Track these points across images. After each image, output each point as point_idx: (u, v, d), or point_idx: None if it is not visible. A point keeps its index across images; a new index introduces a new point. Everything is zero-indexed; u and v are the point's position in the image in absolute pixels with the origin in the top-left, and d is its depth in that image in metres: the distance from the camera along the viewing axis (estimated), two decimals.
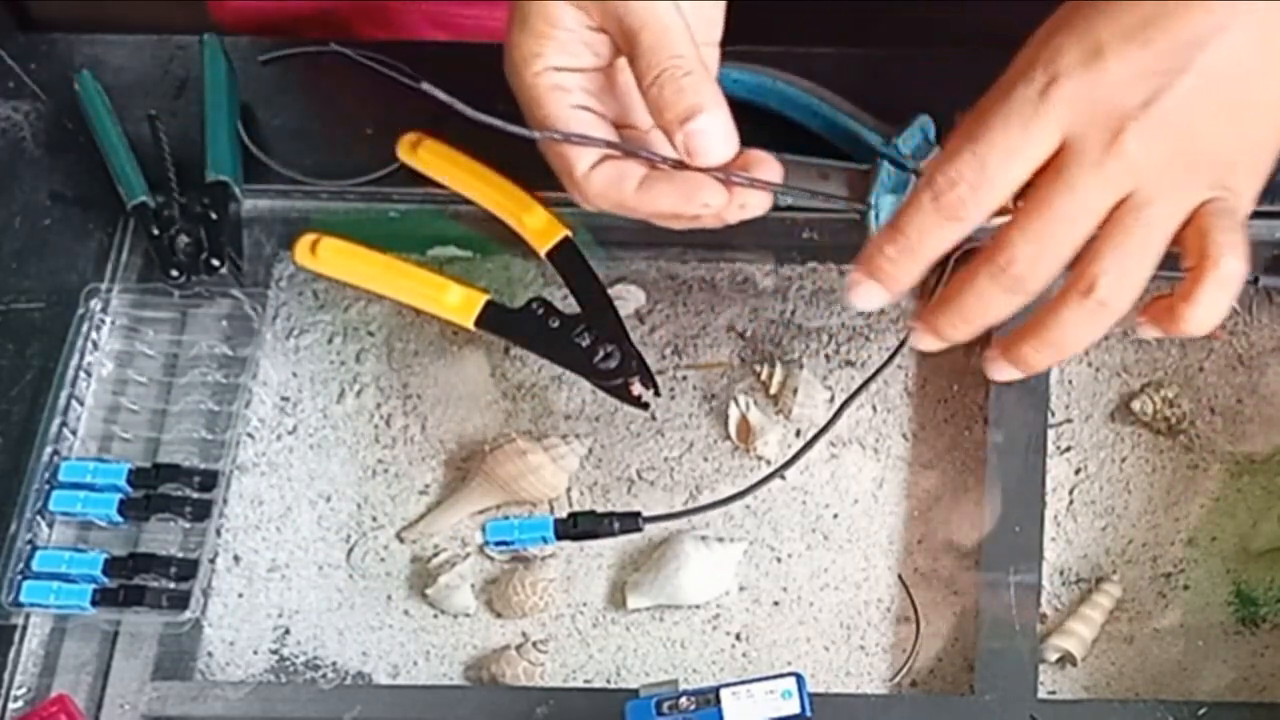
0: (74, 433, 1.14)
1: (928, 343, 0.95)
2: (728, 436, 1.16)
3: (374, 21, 1.36)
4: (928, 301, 0.96)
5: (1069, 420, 1.15)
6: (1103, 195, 0.90)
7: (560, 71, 1.01)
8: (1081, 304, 0.91)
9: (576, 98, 1.01)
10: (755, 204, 1.01)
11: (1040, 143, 0.90)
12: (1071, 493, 1.13)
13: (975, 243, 0.93)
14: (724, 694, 0.99)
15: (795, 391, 1.15)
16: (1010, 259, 0.91)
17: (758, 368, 1.17)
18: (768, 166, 1.00)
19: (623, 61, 1.01)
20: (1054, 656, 1.08)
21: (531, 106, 1.01)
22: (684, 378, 1.18)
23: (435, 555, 1.14)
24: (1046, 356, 0.94)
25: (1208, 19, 0.90)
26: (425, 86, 1.00)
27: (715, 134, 0.98)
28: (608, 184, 1.00)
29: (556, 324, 1.09)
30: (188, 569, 1.10)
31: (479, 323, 1.09)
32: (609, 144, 1.01)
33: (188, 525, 1.12)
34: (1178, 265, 0.93)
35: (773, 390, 1.16)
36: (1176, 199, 0.91)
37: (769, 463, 1.14)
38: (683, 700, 0.99)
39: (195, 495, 1.12)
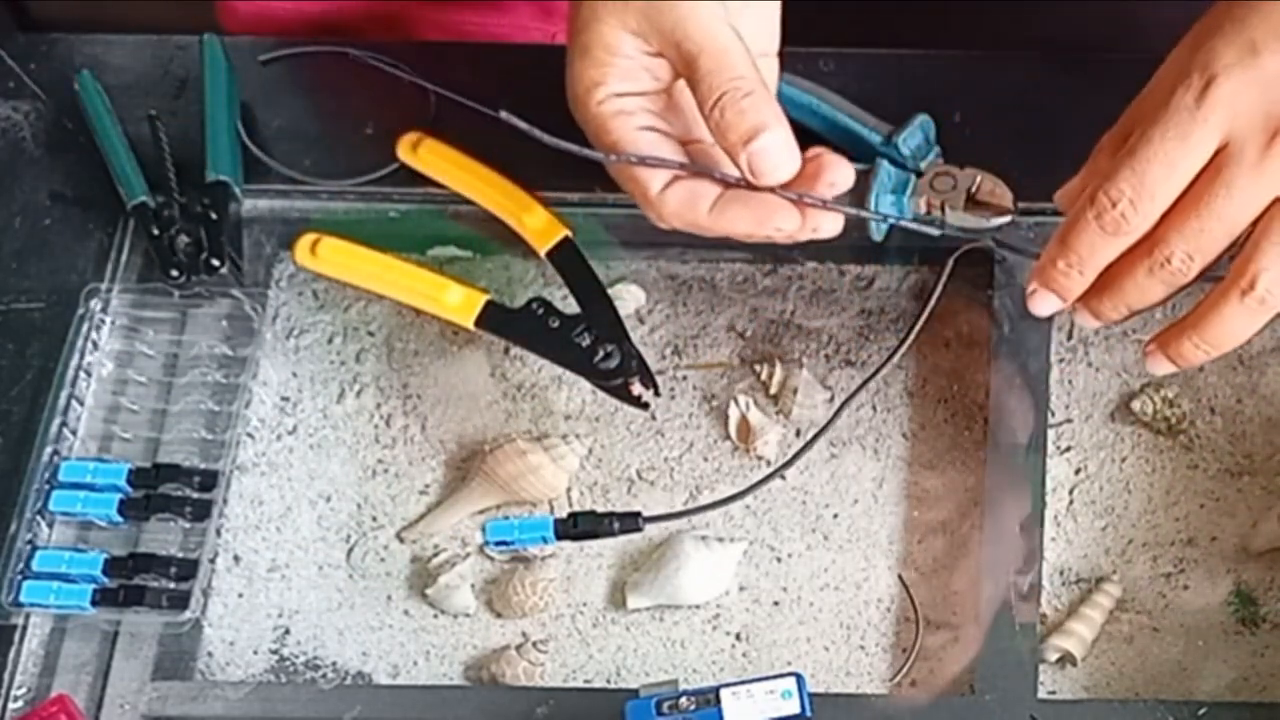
0: (74, 433, 1.14)
1: (1086, 320, 1.01)
2: (728, 436, 1.16)
3: (382, 25, 1.36)
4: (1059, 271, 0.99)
5: (1069, 420, 1.15)
6: (1260, 194, 0.93)
7: (623, 97, 1.03)
8: (1242, 301, 0.95)
9: (641, 119, 1.03)
10: (828, 227, 1.03)
11: (1200, 150, 0.93)
12: (1071, 493, 1.13)
13: None
14: (724, 694, 0.99)
15: (795, 391, 1.15)
16: (1169, 254, 0.94)
17: (758, 368, 1.17)
18: (839, 170, 1.02)
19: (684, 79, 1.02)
20: (1054, 656, 1.08)
21: (599, 134, 1.03)
22: (684, 378, 1.18)
23: (435, 555, 1.14)
24: (1205, 351, 0.98)
25: None
26: (504, 115, 1.02)
27: (779, 152, 1.00)
28: (682, 205, 1.02)
29: (556, 324, 1.09)
30: (188, 569, 1.10)
31: (479, 323, 1.09)
32: (681, 165, 1.02)
33: (188, 525, 1.12)
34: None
35: (773, 390, 1.16)
36: None
37: (769, 463, 1.15)
38: (683, 700, 0.99)
39: (195, 495, 1.12)
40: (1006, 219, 1.08)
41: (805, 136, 1.17)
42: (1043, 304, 1.00)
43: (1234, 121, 0.92)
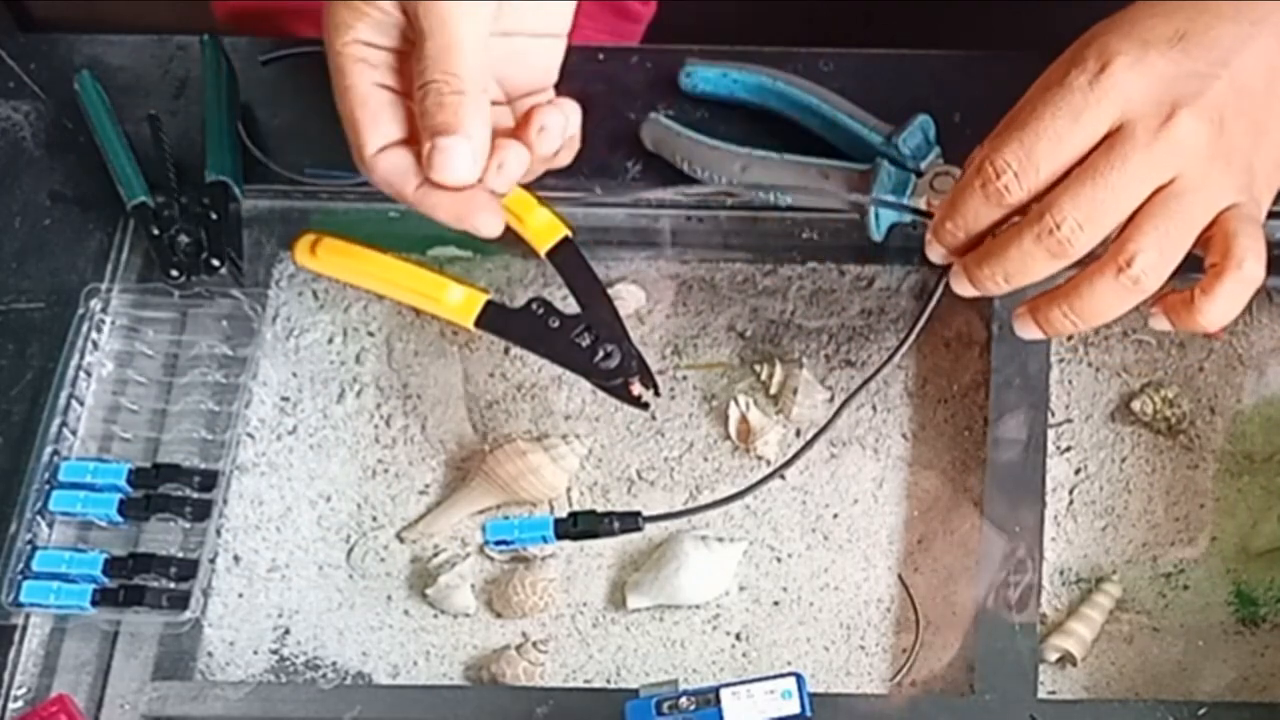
0: (74, 433, 1.14)
1: (963, 288, 1.00)
2: (728, 436, 1.16)
3: None
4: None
5: (1069, 420, 1.15)
6: (1150, 174, 0.94)
7: (369, 47, 1.02)
8: (1118, 278, 0.95)
9: (380, 75, 1.02)
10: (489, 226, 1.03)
11: (1090, 129, 0.94)
12: (1071, 493, 1.13)
13: None
14: (724, 694, 0.99)
15: (795, 391, 1.15)
16: (1057, 222, 0.94)
17: (758, 368, 1.17)
18: (550, 114, 1.02)
19: None
20: (1054, 656, 1.08)
21: (337, 75, 1.02)
22: (684, 378, 1.18)
23: (435, 555, 1.14)
24: (1072, 323, 0.98)
25: (1236, 29, 0.95)
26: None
27: (458, 159, 1.00)
28: (391, 172, 1.02)
29: (556, 324, 1.09)
30: (188, 569, 1.10)
31: (479, 323, 1.09)
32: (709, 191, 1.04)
33: (188, 525, 1.12)
34: (1194, 269, 0.97)
35: (773, 390, 1.16)
36: (1214, 193, 0.95)
37: (769, 463, 1.15)
38: (683, 700, 0.99)
39: (195, 495, 1.12)
40: None
41: (805, 136, 1.17)
42: (933, 253, 1.00)
43: (1127, 105, 0.94)
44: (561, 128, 1.04)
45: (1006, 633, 1.06)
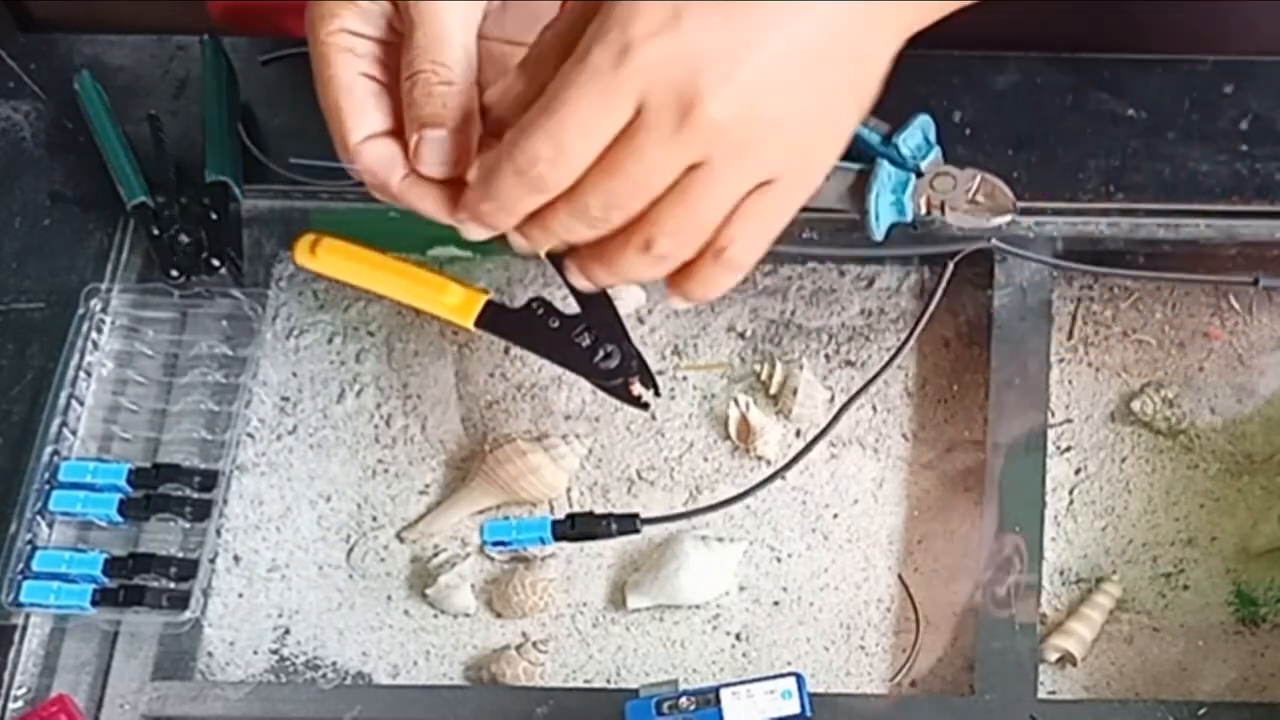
0: (74, 433, 1.14)
1: (518, 242, 0.97)
2: (728, 436, 1.16)
3: None
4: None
5: (1069, 420, 1.15)
6: (671, 162, 0.91)
7: (355, 36, 1.00)
8: (641, 255, 0.94)
9: (365, 65, 1.00)
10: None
11: (616, 114, 0.91)
12: (1071, 493, 1.13)
13: None
14: (724, 694, 0.99)
15: (795, 391, 1.15)
16: (586, 205, 0.93)
17: (758, 368, 1.17)
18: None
19: None
20: (1054, 656, 1.08)
21: (320, 64, 1.00)
22: (684, 378, 1.18)
23: (435, 555, 1.14)
24: (605, 281, 0.98)
25: None
26: None
27: (442, 153, 0.98)
28: (377, 161, 1.00)
29: (556, 324, 1.09)
30: (188, 569, 1.10)
31: (479, 323, 1.09)
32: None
33: (188, 525, 1.12)
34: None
35: (773, 390, 1.16)
36: (740, 174, 0.93)
37: (769, 462, 1.14)
38: (683, 700, 0.99)
39: (195, 495, 1.12)
40: (1006, 219, 1.08)
41: None
42: (469, 231, 0.98)
43: (650, 88, 0.90)
44: None
45: (1006, 633, 1.06)
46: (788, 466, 1.09)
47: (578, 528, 1.06)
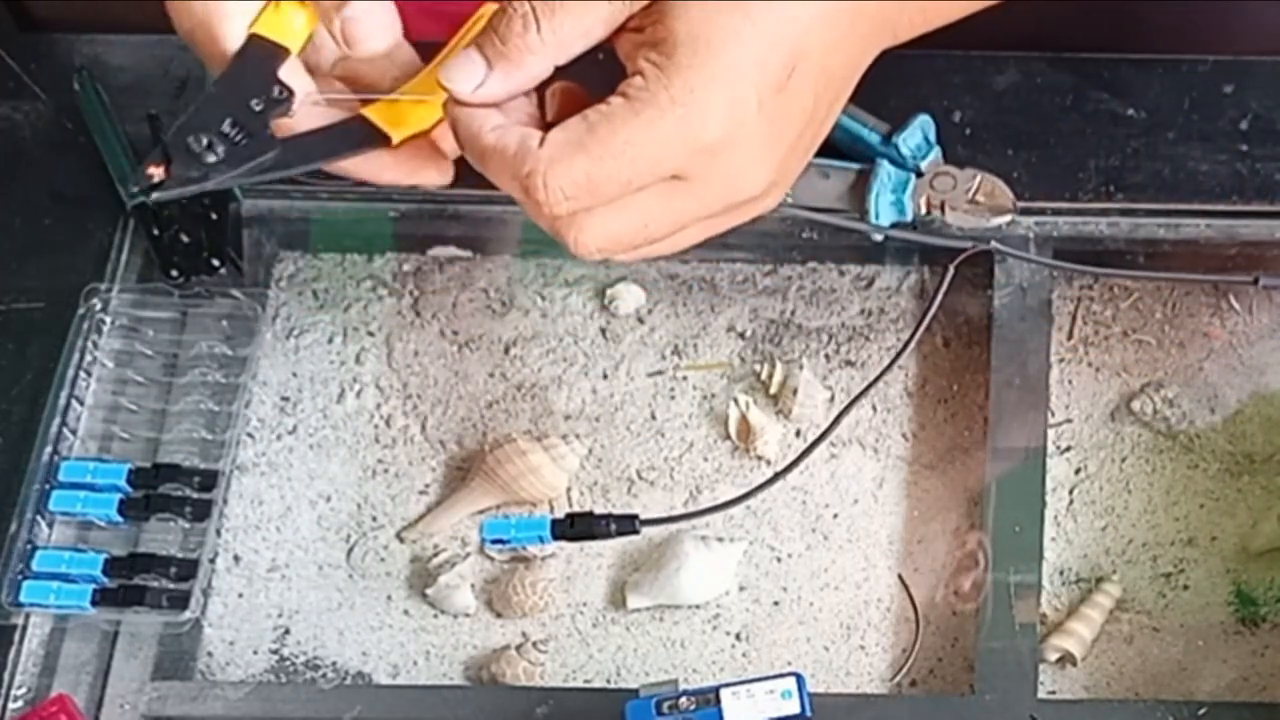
0: (74, 433, 1.14)
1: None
2: (728, 436, 1.16)
3: None
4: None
5: (1069, 420, 1.15)
6: None
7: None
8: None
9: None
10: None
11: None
12: (1071, 493, 1.13)
13: None
14: (724, 694, 0.99)
15: (795, 391, 1.15)
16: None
17: (758, 368, 1.17)
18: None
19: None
20: (1054, 656, 1.08)
21: (209, 28, 0.97)
22: (684, 378, 1.18)
23: (435, 555, 1.14)
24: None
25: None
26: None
27: (369, 20, 0.96)
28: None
29: None
30: (188, 569, 1.10)
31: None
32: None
33: (188, 525, 1.12)
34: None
35: (773, 390, 1.16)
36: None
37: (769, 463, 1.15)
38: (683, 700, 0.99)
39: (195, 495, 1.12)
40: (1006, 219, 1.08)
41: None
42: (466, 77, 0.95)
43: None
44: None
45: (1006, 633, 1.06)
46: (789, 468, 1.09)
47: (576, 528, 1.06)
